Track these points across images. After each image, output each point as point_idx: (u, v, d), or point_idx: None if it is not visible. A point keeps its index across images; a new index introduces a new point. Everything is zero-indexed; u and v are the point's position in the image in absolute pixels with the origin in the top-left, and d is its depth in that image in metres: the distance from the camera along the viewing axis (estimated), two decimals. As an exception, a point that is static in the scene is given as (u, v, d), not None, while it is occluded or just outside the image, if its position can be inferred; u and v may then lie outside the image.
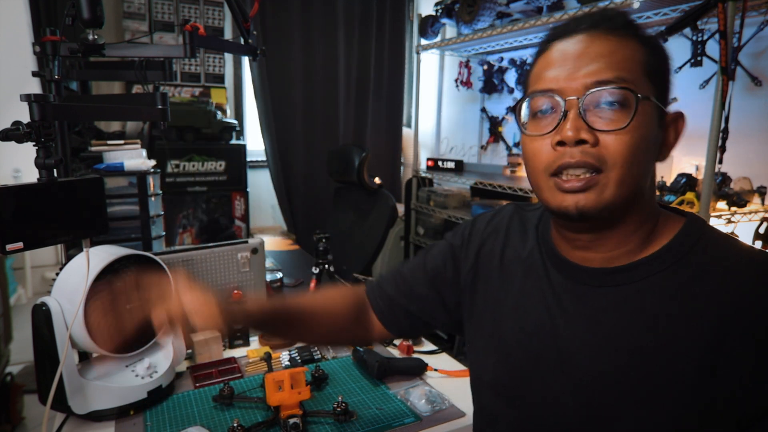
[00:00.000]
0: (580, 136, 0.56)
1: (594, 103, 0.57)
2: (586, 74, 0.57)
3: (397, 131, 3.91)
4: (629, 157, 0.56)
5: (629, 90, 0.56)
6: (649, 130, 0.57)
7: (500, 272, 0.75)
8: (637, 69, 0.57)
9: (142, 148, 1.81)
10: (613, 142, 0.56)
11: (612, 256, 0.62)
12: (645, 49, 0.59)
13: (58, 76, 1.19)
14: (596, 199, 0.57)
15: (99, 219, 1.00)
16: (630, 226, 0.61)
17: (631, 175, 0.57)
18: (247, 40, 1.42)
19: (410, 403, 1.06)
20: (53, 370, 0.94)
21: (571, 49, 0.59)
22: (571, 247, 0.65)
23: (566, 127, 0.57)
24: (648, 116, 0.57)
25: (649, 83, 0.58)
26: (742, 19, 1.57)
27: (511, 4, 2.38)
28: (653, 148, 0.59)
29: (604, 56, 0.57)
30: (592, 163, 0.56)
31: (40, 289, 3.07)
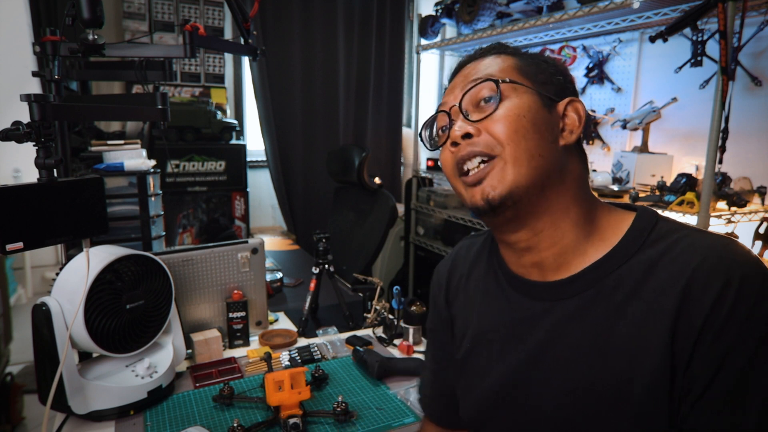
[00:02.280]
0: (464, 131, 0.63)
1: (473, 104, 0.64)
2: (463, 84, 0.66)
3: (397, 131, 3.91)
4: (511, 134, 0.60)
5: (491, 80, 0.62)
6: (527, 110, 0.61)
7: (465, 304, 0.76)
8: (507, 68, 0.64)
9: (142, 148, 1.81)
10: (493, 125, 0.61)
11: (557, 255, 0.62)
12: (516, 58, 0.66)
13: (58, 76, 1.19)
14: (498, 183, 0.60)
15: (99, 219, 1.00)
16: (556, 213, 0.62)
17: (523, 151, 0.60)
18: (247, 40, 1.42)
19: (410, 403, 1.06)
20: (53, 370, 0.94)
21: (456, 80, 0.69)
22: (516, 254, 0.66)
23: (453, 129, 0.64)
24: (523, 98, 0.62)
25: (523, 77, 0.63)
26: (742, 19, 1.57)
27: (511, 4, 2.38)
28: (543, 127, 0.62)
29: (478, 69, 0.66)
30: (480, 150, 0.62)
31: (40, 289, 3.07)
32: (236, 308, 1.33)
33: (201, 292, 1.32)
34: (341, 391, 1.12)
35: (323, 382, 1.14)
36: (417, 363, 1.20)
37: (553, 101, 0.64)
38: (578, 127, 0.65)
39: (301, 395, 0.96)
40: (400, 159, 3.99)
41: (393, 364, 1.18)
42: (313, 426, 0.99)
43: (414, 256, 3.18)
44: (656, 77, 2.21)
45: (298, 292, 1.94)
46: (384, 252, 3.08)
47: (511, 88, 0.62)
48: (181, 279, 1.28)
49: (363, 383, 1.15)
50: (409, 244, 3.20)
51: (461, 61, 0.71)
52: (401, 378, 1.17)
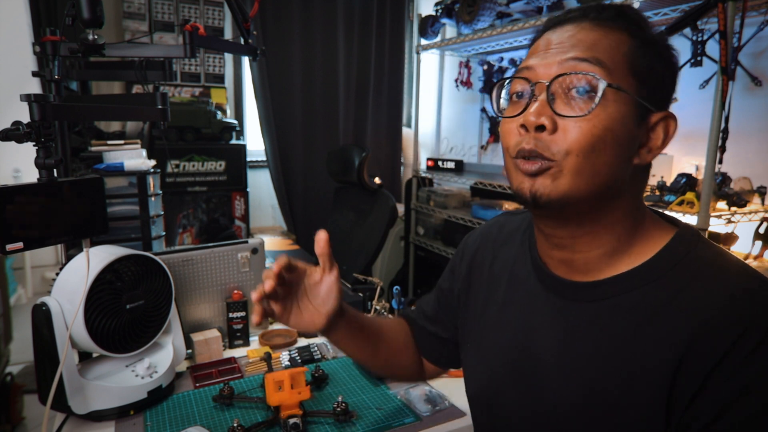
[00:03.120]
0: (539, 122, 0.55)
1: (565, 89, 0.55)
2: (562, 59, 0.56)
3: (397, 131, 3.91)
4: (586, 146, 0.54)
5: (599, 73, 0.53)
6: (618, 124, 0.54)
7: (488, 284, 0.75)
8: (619, 59, 0.55)
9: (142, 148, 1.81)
10: (572, 129, 0.54)
11: (588, 260, 0.60)
12: (634, 42, 0.56)
13: (58, 76, 1.19)
14: (550, 186, 0.56)
15: (99, 219, 1.00)
16: (603, 225, 0.59)
17: (591, 166, 0.54)
18: (247, 40, 1.42)
19: (410, 403, 1.06)
20: (53, 370, 0.94)
21: (555, 38, 0.58)
22: (548, 245, 0.64)
23: (530, 111, 0.56)
24: (620, 109, 0.54)
25: (631, 77, 0.55)
26: (742, 19, 1.57)
27: (511, 4, 2.38)
28: (625, 144, 0.55)
29: (580, 45, 0.56)
30: (540, 152, 0.55)
31: (40, 289, 3.07)
32: (236, 308, 1.33)
33: (201, 292, 1.32)
34: (341, 391, 1.12)
35: (323, 382, 1.14)
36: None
37: (649, 112, 0.56)
38: (660, 148, 0.58)
39: (301, 395, 0.96)
40: (400, 159, 3.99)
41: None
42: (313, 426, 0.99)
43: (414, 256, 3.19)
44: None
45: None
46: (384, 252, 3.08)
47: (614, 93, 0.54)
48: (181, 279, 1.28)
49: (363, 383, 1.15)
50: (409, 244, 3.20)
51: (571, 14, 0.60)
52: (401, 378, 1.17)
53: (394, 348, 0.88)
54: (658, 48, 0.57)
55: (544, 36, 0.60)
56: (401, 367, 0.89)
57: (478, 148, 3.44)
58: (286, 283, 0.72)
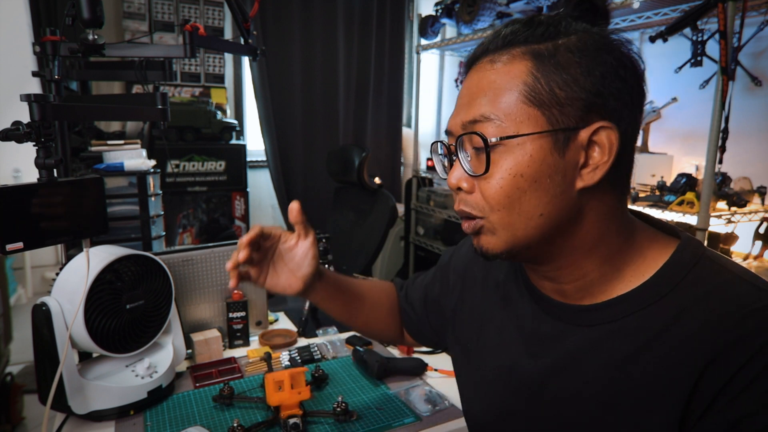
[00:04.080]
0: (458, 184, 0.57)
1: (471, 146, 0.55)
2: (464, 116, 0.56)
3: (397, 131, 3.91)
4: (502, 200, 0.53)
5: (486, 130, 0.53)
6: (528, 167, 0.52)
7: (482, 303, 0.74)
8: (511, 100, 0.52)
9: (142, 148, 1.81)
10: (485, 186, 0.54)
11: (579, 288, 0.58)
12: (533, 65, 0.52)
13: (58, 76, 1.19)
14: (491, 242, 0.56)
15: (99, 219, 1.00)
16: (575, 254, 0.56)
17: (517, 216, 0.53)
18: (247, 40, 1.42)
19: (410, 403, 1.06)
20: (53, 370, 0.94)
21: (465, 87, 0.58)
22: (538, 277, 0.62)
23: (451, 173, 0.58)
24: (525, 151, 0.52)
25: (534, 109, 0.52)
26: (742, 19, 1.57)
27: (511, 4, 2.38)
28: (549, 181, 0.52)
29: (480, 93, 0.54)
30: (468, 212, 0.57)
31: (40, 289, 3.07)
32: (236, 308, 1.33)
33: (201, 292, 1.32)
34: (341, 391, 1.12)
35: (323, 382, 1.14)
36: (417, 363, 1.20)
37: (574, 131, 0.52)
38: (606, 162, 0.52)
39: (301, 395, 0.96)
40: (400, 159, 3.99)
41: (393, 364, 1.18)
42: (313, 426, 0.99)
43: (414, 256, 3.19)
44: (656, 77, 2.21)
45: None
46: (384, 252, 3.08)
47: (509, 141, 0.52)
48: (181, 279, 1.28)
49: (363, 383, 1.15)
50: (409, 244, 3.20)
51: (474, 54, 0.58)
52: (401, 378, 1.17)
53: (375, 312, 0.91)
54: (570, 55, 0.52)
55: (464, 81, 0.59)
56: (381, 330, 0.93)
57: (478, 148, 3.43)
58: (260, 249, 0.75)
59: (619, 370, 0.54)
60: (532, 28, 0.54)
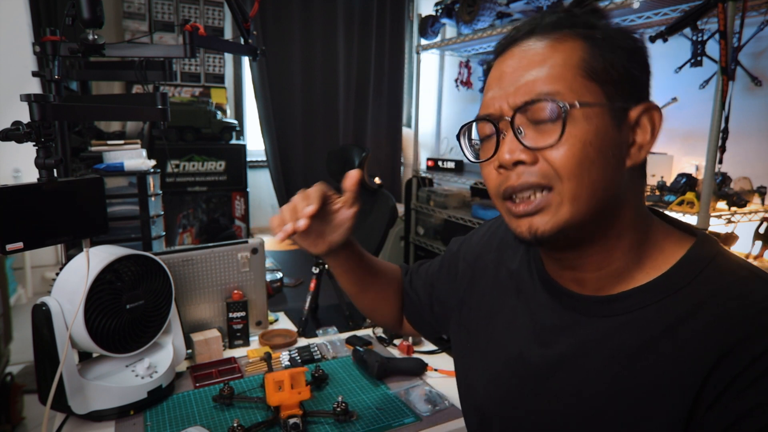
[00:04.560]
0: (516, 158, 0.54)
1: (529, 121, 0.54)
2: (515, 92, 0.55)
3: (397, 131, 3.91)
4: (574, 168, 0.52)
5: (553, 101, 0.52)
6: (595, 137, 0.52)
7: (493, 291, 0.74)
8: (574, 71, 0.53)
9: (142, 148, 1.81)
10: (553, 157, 0.53)
11: (600, 278, 0.58)
12: (585, 45, 0.54)
13: (58, 76, 1.19)
14: (551, 221, 0.54)
15: (99, 219, 1.00)
16: (608, 240, 0.57)
17: (586, 187, 0.53)
18: (247, 40, 1.42)
19: (410, 403, 1.06)
20: (53, 370, 0.94)
21: (505, 67, 0.57)
22: (557, 265, 0.62)
23: (503, 150, 0.55)
24: (592, 122, 0.52)
25: (593, 83, 0.53)
26: (742, 19, 1.57)
27: (511, 4, 2.38)
28: (611, 152, 0.53)
29: (532, 68, 0.54)
30: (536, 182, 0.54)
31: (40, 289, 3.07)
32: (236, 308, 1.33)
33: (201, 292, 1.32)
34: (341, 391, 1.12)
35: (323, 382, 1.14)
36: (417, 363, 1.20)
37: (625, 110, 0.54)
38: (649, 142, 0.55)
39: (301, 395, 0.96)
40: (400, 159, 3.99)
41: (393, 364, 1.18)
42: (313, 426, 0.99)
43: (414, 256, 3.18)
44: (656, 77, 2.19)
45: (298, 292, 1.94)
46: (384, 252, 3.08)
47: (579, 110, 0.52)
48: (181, 279, 1.28)
49: (363, 383, 1.15)
50: (409, 244, 3.20)
51: (517, 33, 0.57)
52: (401, 378, 1.17)
53: (384, 293, 0.91)
54: (615, 41, 0.54)
55: (496, 65, 0.59)
56: (385, 312, 0.93)
57: (478, 148, 3.43)
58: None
59: (629, 361, 0.54)
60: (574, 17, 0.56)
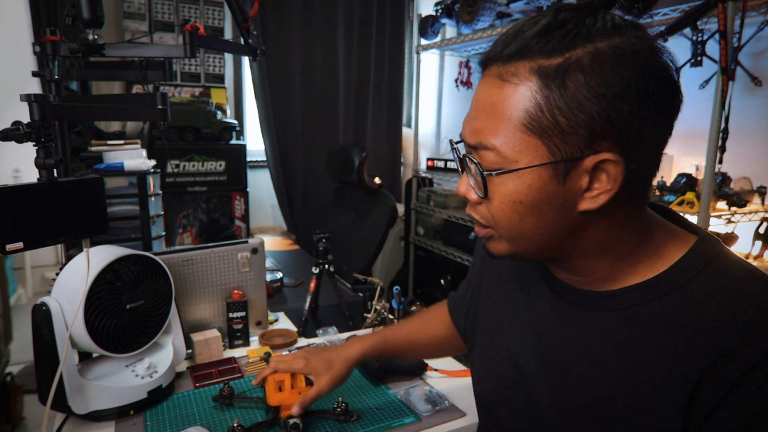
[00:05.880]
0: (466, 195, 0.59)
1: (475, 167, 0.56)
2: (470, 132, 0.56)
3: (397, 131, 3.91)
4: (504, 220, 0.55)
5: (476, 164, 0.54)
6: (526, 195, 0.52)
7: (498, 284, 0.75)
8: (511, 129, 0.51)
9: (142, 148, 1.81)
10: (487, 205, 0.57)
11: (598, 279, 0.58)
12: (538, 89, 0.49)
13: (58, 76, 1.19)
14: (498, 248, 0.59)
15: (99, 219, 1.00)
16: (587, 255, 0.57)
17: (518, 233, 0.55)
18: (247, 40, 1.41)
19: (410, 403, 1.06)
20: (53, 370, 0.94)
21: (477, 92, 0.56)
22: (553, 265, 0.64)
23: (460, 180, 0.60)
24: (522, 181, 0.52)
25: (533, 138, 0.50)
26: (742, 19, 1.57)
27: (511, 4, 2.38)
28: (549, 206, 0.52)
29: (483, 110, 0.54)
30: (477, 219, 0.59)
31: (40, 289, 3.07)
32: (236, 308, 1.33)
33: (201, 292, 1.32)
34: (341, 391, 1.12)
35: None
36: (417, 363, 1.20)
37: (577, 160, 0.50)
38: (609, 191, 0.51)
39: (301, 396, 0.96)
40: (400, 159, 3.99)
41: (393, 364, 1.18)
42: (313, 426, 0.99)
43: (414, 256, 3.18)
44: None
45: (298, 292, 1.94)
46: (384, 252, 3.08)
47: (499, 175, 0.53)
48: (181, 279, 1.28)
49: (363, 383, 1.15)
50: (409, 244, 3.20)
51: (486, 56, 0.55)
52: (401, 378, 1.17)
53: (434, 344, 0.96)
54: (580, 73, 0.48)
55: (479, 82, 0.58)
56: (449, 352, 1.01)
57: (478, 148, 3.43)
58: None
59: (629, 356, 0.54)
60: (548, 34, 0.49)
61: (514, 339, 0.68)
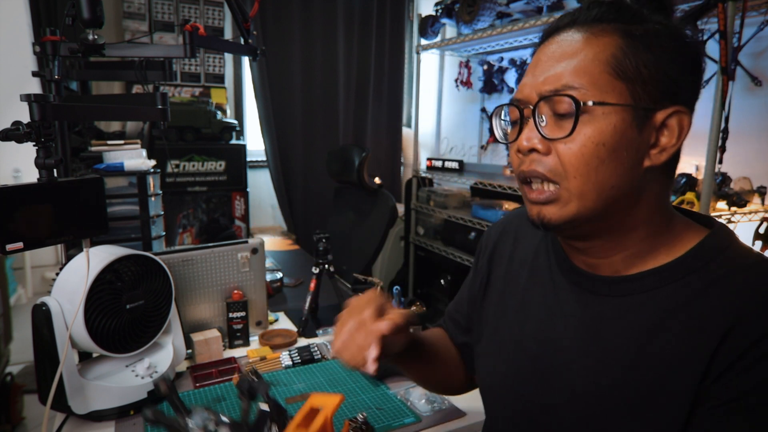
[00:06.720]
0: (530, 145, 0.57)
1: (552, 111, 0.56)
2: (543, 81, 0.56)
3: (397, 131, 3.91)
4: (582, 167, 0.54)
5: (576, 93, 0.53)
6: (610, 136, 0.53)
7: (506, 275, 0.75)
8: (598, 69, 0.53)
9: (142, 148, 1.81)
10: (563, 150, 0.55)
11: (612, 263, 0.60)
12: (621, 41, 0.54)
13: (58, 76, 1.19)
14: (558, 213, 0.57)
15: (99, 219, 1.00)
16: (620, 231, 0.58)
17: (592, 185, 0.54)
18: (247, 40, 1.42)
19: (410, 403, 1.06)
20: (53, 370, 0.94)
21: (542, 55, 0.58)
22: (573, 250, 0.64)
23: (522, 136, 0.58)
24: (610, 121, 0.53)
25: (619, 81, 0.53)
26: (742, 19, 1.57)
27: (511, 4, 2.38)
28: (625, 153, 0.54)
29: (563, 60, 0.55)
30: (542, 173, 0.56)
31: (40, 289, 3.07)
32: (236, 308, 1.33)
33: (201, 292, 1.32)
34: (341, 390, 1.12)
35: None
36: (417, 363, 1.20)
37: (652, 111, 0.54)
38: (674, 146, 0.55)
39: None
40: (400, 159, 3.99)
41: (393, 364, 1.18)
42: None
43: (414, 256, 3.18)
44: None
45: (298, 292, 1.94)
46: (384, 252, 3.08)
47: (599, 108, 0.53)
48: (181, 279, 1.28)
49: (363, 383, 1.15)
50: (409, 244, 3.20)
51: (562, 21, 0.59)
52: (401, 378, 1.17)
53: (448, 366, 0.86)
54: (657, 39, 0.54)
55: (537, 51, 0.60)
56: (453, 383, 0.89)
57: (478, 148, 3.44)
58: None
59: (642, 339, 0.55)
60: (622, 10, 0.55)
61: (528, 327, 0.68)
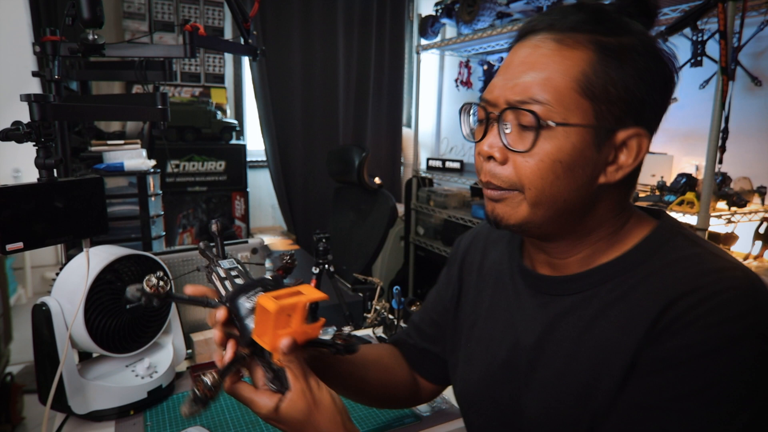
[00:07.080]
0: (490, 153, 0.57)
1: (517, 121, 0.55)
2: (512, 88, 0.55)
3: (397, 131, 3.91)
4: (535, 180, 0.55)
5: (540, 111, 0.53)
6: (568, 155, 0.53)
7: (477, 284, 0.76)
8: (567, 86, 0.53)
9: (142, 148, 1.81)
10: (520, 162, 0.55)
11: (574, 262, 0.61)
12: (593, 57, 0.53)
13: (58, 76, 1.19)
14: (510, 212, 0.58)
15: (99, 219, 1.00)
16: (575, 234, 0.60)
17: (546, 196, 0.55)
18: (247, 40, 1.42)
19: (410, 403, 1.06)
20: (53, 370, 0.94)
21: (515, 57, 0.57)
22: (534, 249, 0.65)
23: (484, 140, 0.58)
24: (570, 140, 0.53)
25: (585, 100, 0.53)
26: (742, 19, 1.57)
27: (511, 4, 2.38)
28: (581, 170, 0.54)
29: (534, 69, 0.54)
30: (498, 184, 0.57)
31: (40, 289, 3.07)
32: (236, 308, 1.33)
33: (201, 292, 1.32)
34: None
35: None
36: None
37: (613, 131, 0.54)
38: (630, 165, 0.56)
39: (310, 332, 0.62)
40: (400, 159, 3.99)
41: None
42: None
43: (414, 256, 3.18)
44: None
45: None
46: (384, 252, 3.08)
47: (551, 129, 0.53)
48: (181, 279, 1.28)
49: (363, 383, 1.15)
50: (409, 244, 3.20)
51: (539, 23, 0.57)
52: (401, 378, 1.17)
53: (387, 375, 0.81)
54: (631, 55, 0.53)
55: (513, 50, 0.59)
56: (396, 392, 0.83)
57: (478, 148, 3.43)
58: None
59: (587, 327, 0.57)
60: (600, 19, 0.54)
61: (497, 334, 0.69)
